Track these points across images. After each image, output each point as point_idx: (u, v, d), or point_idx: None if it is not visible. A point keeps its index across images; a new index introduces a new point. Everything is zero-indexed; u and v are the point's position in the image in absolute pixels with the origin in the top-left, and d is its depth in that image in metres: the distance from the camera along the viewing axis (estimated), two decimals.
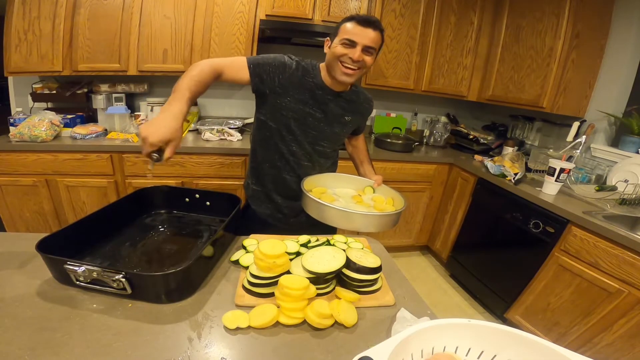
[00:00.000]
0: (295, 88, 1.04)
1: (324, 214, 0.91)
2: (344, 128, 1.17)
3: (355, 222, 0.89)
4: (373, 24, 0.96)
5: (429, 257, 2.74)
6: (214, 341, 0.60)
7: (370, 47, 0.97)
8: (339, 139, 1.19)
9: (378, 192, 1.15)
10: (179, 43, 1.97)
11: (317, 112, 1.08)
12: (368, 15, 0.98)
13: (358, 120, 1.21)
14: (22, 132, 1.70)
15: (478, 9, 2.34)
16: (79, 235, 0.78)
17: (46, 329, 0.58)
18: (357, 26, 0.95)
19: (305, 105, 1.06)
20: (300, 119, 1.07)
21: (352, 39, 0.96)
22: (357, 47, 0.96)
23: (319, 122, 1.09)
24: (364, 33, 0.96)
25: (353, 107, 1.15)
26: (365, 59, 0.98)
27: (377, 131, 2.72)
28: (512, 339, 0.49)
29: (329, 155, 1.21)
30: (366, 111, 1.23)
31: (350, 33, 0.96)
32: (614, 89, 1.94)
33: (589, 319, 1.44)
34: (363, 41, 0.96)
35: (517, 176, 1.87)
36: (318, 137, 1.12)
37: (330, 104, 1.09)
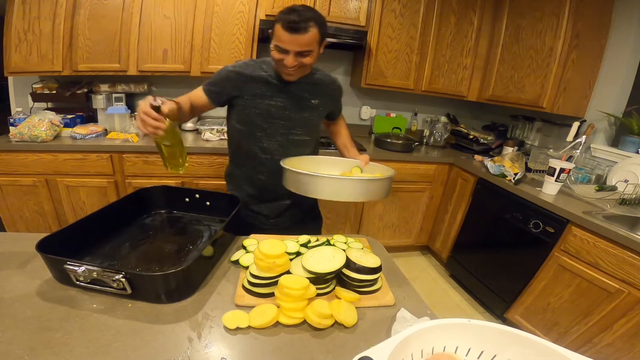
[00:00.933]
0: (248, 85, 1.05)
1: (310, 186, 0.87)
2: (315, 112, 1.14)
3: (346, 189, 0.86)
4: (302, 29, 0.90)
5: (429, 257, 2.74)
6: (214, 341, 0.60)
7: (304, 51, 0.94)
8: (311, 124, 1.17)
9: (366, 172, 1.11)
10: (179, 43, 1.97)
11: (278, 101, 1.07)
12: (296, 15, 0.90)
13: (328, 103, 1.18)
14: (22, 132, 1.70)
15: (478, 9, 2.34)
16: (79, 235, 0.79)
17: (46, 329, 0.58)
18: (286, 33, 0.91)
19: (263, 98, 1.05)
20: (263, 113, 1.07)
21: (283, 47, 0.93)
22: (290, 54, 0.93)
23: (284, 110, 1.08)
24: (293, 40, 0.91)
25: (318, 90, 1.13)
26: (303, 60, 0.96)
27: (377, 131, 2.72)
28: (512, 339, 0.49)
29: (306, 144, 1.18)
30: (334, 92, 1.21)
31: (280, 40, 0.92)
32: (614, 89, 1.94)
33: (589, 319, 1.44)
34: (294, 48, 0.92)
35: (517, 176, 1.87)
36: (288, 125, 1.10)
37: (292, 90, 1.07)
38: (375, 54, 2.27)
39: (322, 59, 2.50)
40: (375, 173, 1.09)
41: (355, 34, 2.12)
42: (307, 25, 0.91)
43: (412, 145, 2.40)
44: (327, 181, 0.86)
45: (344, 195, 0.86)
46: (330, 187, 0.86)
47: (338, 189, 0.86)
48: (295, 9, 0.91)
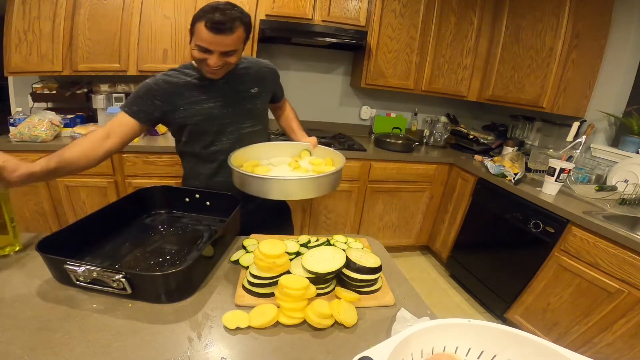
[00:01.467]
0: (178, 95, 0.98)
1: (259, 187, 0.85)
2: (257, 100, 1.11)
3: (291, 189, 0.84)
4: (228, 29, 0.85)
5: (429, 257, 2.74)
6: (214, 341, 0.60)
7: (229, 51, 0.90)
8: (258, 112, 1.14)
9: (315, 155, 1.11)
10: (179, 43, 1.97)
11: (216, 101, 1.03)
12: (220, 14, 0.84)
13: (268, 87, 1.15)
14: (22, 132, 1.70)
15: (478, 9, 2.34)
16: (79, 235, 0.78)
17: (46, 329, 0.58)
18: (210, 33, 0.85)
19: (200, 103, 1.01)
20: (206, 118, 1.02)
21: (206, 47, 0.88)
22: (214, 54, 0.89)
23: (226, 107, 1.04)
24: (218, 40, 0.86)
25: (252, 78, 1.09)
26: (227, 60, 0.92)
27: (377, 131, 2.72)
28: (512, 339, 0.49)
29: (259, 133, 1.15)
30: (269, 75, 1.16)
31: (203, 40, 0.87)
32: (614, 89, 1.94)
33: (589, 319, 1.44)
34: (219, 48, 0.88)
35: (517, 176, 1.87)
36: (235, 121, 1.07)
37: (225, 87, 1.03)
38: (375, 54, 2.27)
39: (323, 59, 2.52)
40: (324, 156, 1.08)
41: (355, 34, 2.12)
42: (233, 26, 0.86)
43: (412, 145, 2.40)
44: (275, 183, 0.85)
45: (293, 195, 0.85)
46: (280, 188, 0.85)
47: (287, 190, 0.85)
48: (219, 7, 0.85)
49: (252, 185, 0.86)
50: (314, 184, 0.87)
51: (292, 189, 0.85)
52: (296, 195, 0.85)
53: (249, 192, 0.87)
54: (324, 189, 0.90)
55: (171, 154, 1.90)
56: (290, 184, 0.85)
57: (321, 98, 2.65)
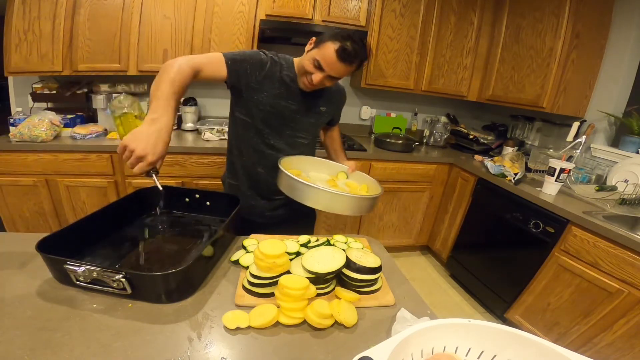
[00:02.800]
0: (271, 83, 1.04)
1: (303, 194, 0.90)
2: (320, 118, 1.18)
3: (338, 203, 0.90)
4: (351, 63, 0.93)
5: (429, 257, 2.74)
6: (214, 341, 0.60)
7: (336, 77, 0.97)
8: (315, 129, 1.21)
9: (351, 179, 1.17)
10: (179, 43, 1.97)
11: (292, 104, 1.08)
12: (354, 48, 0.91)
13: (332, 110, 1.22)
14: (22, 132, 1.70)
15: (478, 9, 2.34)
16: (79, 235, 0.78)
17: (46, 329, 0.58)
18: (335, 57, 0.92)
19: (281, 99, 1.06)
20: (277, 113, 1.07)
21: (323, 66, 0.94)
22: (323, 74, 0.95)
23: (295, 113, 1.10)
24: (337, 67, 0.94)
25: (327, 97, 1.15)
26: (326, 83, 0.99)
27: (377, 131, 2.72)
28: (512, 339, 0.49)
29: (307, 146, 1.21)
30: (339, 101, 1.25)
31: (325, 60, 0.93)
32: (614, 89, 1.94)
33: (589, 319, 1.44)
34: (331, 72, 0.95)
35: (517, 176, 1.87)
36: (296, 128, 1.13)
37: (306, 96, 1.09)
38: (376, 54, 2.27)
39: None
40: (361, 182, 1.13)
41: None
42: (356, 61, 0.94)
43: (412, 145, 2.40)
44: (321, 193, 0.88)
45: (334, 209, 0.90)
46: (323, 199, 0.89)
47: (330, 202, 0.89)
48: (354, 39, 0.92)
49: (297, 190, 0.91)
50: (356, 204, 0.92)
51: (335, 203, 0.90)
52: (330, 208, 0.89)
53: (292, 195, 0.92)
54: (360, 210, 0.94)
55: (171, 154, 1.89)
56: (336, 198, 0.90)
57: None
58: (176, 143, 1.96)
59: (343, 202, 0.90)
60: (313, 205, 0.90)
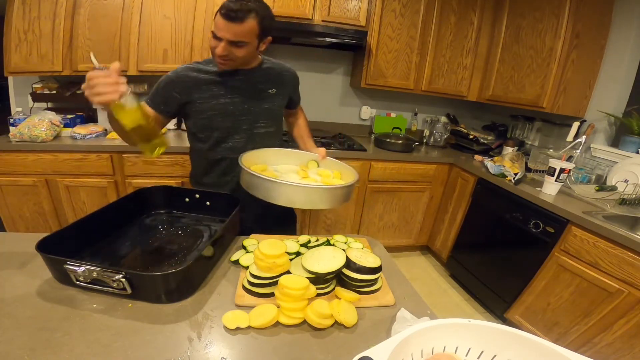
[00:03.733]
0: (196, 88, 1.01)
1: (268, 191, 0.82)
2: (275, 101, 1.13)
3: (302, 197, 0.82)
4: (239, 18, 0.87)
5: (429, 257, 2.74)
6: (214, 341, 0.60)
7: (237, 41, 0.91)
8: (274, 114, 1.15)
9: (323, 166, 1.08)
10: (179, 43, 1.97)
11: (233, 97, 1.04)
12: (235, 4, 0.87)
13: (285, 91, 1.17)
14: (22, 132, 1.70)
15: (478, 9, 2.34)
16: (79, 235, 0.78)
17: (46, 329, 0.58)
18: (222, 20, 0.88)
19: (217, 97, 1.03)
20: (221, 112, 1.04)
21: (217, 33, 0.90)
22: (222, 43, 0.91)
23: (242, 104, 1.06)
24: (227, 28, 0.88)
25: (272, 79, 1.11)
26: (233, 51, 0.93)
27: (377, 131, 2.72)
28: (512, 339, 0.49)
29: (272, 135, 1.16)
30: (288, 79, 1.18)
31: (216, 27, 0.90)
32: (614, 89, 1.94)
33: (589, 319, 1.44)
34: (227, 36, 0.90)
35: (517, 176, 1.87)
36: (251, 119, 1.09)
37: (244, 84, 1.05)
38: (375, 54, 2.27)
39: (323, 59, 2.52)
40: (334, 169, 1.06)
41: (355, 34, 2.12)
42: (245, 16, 0.88)
43: (412, 145, 2.40)
44: (287, 188, 0.81)
45: (303, 203, 0.83)
46: (291, 195, 0.82)
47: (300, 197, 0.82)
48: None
49: (260, 187, 0.84)
50: (328, 195, 0.84)
51: (303, 197, 0.82)
52: (305, 203, 0.83)
53: (257, 194, 0.85)
54: (335, 202, 0.87)
55: (171, 154, 1.90)
56: (301, 192, 0.82)
57: (321, 98, 2.65)
58: (176, 143, 1.96)
59: (310, 194, 0.82)
60: (281, 203, 0.82)
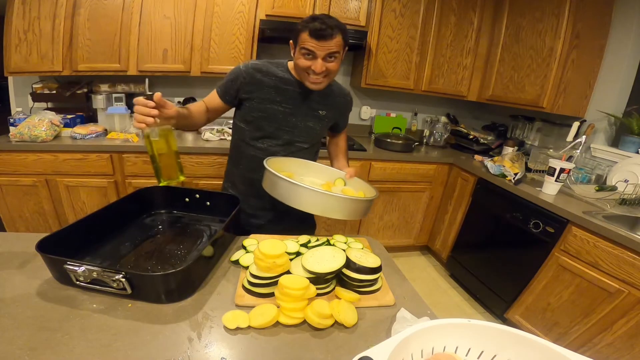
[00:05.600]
0: (258, 88, 1.05)
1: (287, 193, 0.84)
2: (320, 122, 1.15)
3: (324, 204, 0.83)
4: (329, 35, 0.93)
5: (429, 257, 2.74)
6: (214, 341, 0.60)
7: (332, 54, 0.96)
8: (315, 134, 1.17)
9: (349, 185, 1.09)
10: (179, 43, 1.97)
11: (286, 107, 1.07)
12: (322, 23, 0.92)
13: (334, 115, 1.19)
14: (22, 132, 1.70)
15: (478, 9, 2.34)
16: (79, 235, 0.78)
17: (46, 329, 0.58)
18: (315, 40, 0.93)
19: (272, 102, 1.06)
20: (270, 117, 1.07)
21: (311, 50, 0.94)
22: (318, 60, 0.95)
23: (290, 116, 1.09)
24: (322, 45, 0.94)
25: (327, 101, 1.14)
26: (329, 66, 0.98)
27: (377, 131, 2.72)
28: (512, 339, 0.49)
29: (306, 151, 1.18)
30: (342, 105, 1.21)
31: (308, 45, 0.94)
32: (614, 89, 1.94)
33: (589, 319, 1.44)
34: (322, 53, 0.95)
35: (517, 176, 1.87)
36: (292, 132, 1.11)
37: (301, 98, 1.08)
38: (375, 54, 2.27)
39: None
40: (358, 189, 1.07)
41: (355, 34, 2.12)
42: (335, 31, 0.94)
43: (412, 145, 2.40)
44: (307, 193, 0.82)
45: (324, 211, 0.84)
46: (310, 200, 0.83)
47: (318, 203, 0.83)
48: (319, 17, 0.95)
49: (280, 188, 0.86)
50: (345, 205, 0.86)
51: (320, 204, 0.83)
52: (321, 211, 0.84)
53: (276, 196, 0.87)
54: (351, 214, 0.88)
55: None
56: (319, 198, 0.83)
57: None
58: None
59: (332, 203, 0.84)
60: (298, 207, 0.84)
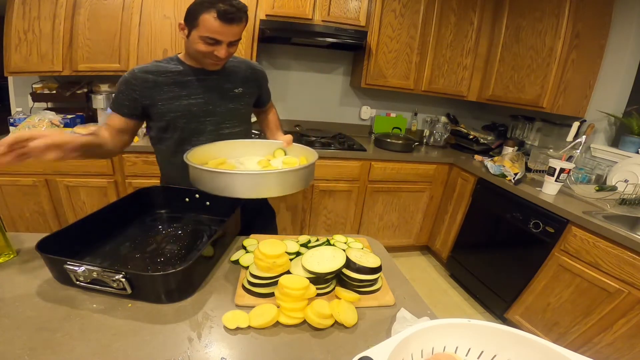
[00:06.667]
0: (156, 91, 0.97)
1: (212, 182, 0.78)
2: (241, 101, 1.09)
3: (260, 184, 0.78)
4: (238, 19, 0.87)
5: (429, 257, 2.74)
6: (214, 341, 0.60)
7: (236, 40, 0.92)
8: (240, 114, 1.11)
9: (290, 154, 1.03)
10: (179, 43, 1.97)
11: (197, 98, 1.01)
12: (230, 5, 0.85)
13: (252, 89, 1.13)
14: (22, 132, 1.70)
15: (478, 9, 2.34)
16: (79, 235, 0.78)
17: (46, 329, 0.58)
18: (220, 23, 0.85)
19: (179, 99, 0.99)
20: (185, 114, 1.00)
21: (216, 37, 0.88)
22: (223, 45, 0.90)
23: (207, 105, 1.02)
24: (228, 31, 0.87)
25: (239, 78, 1.08)
26: (231, 50, 0.93)
27: (377, 131, 2.72)
28: (512, 339, 0.49)
29: (239, 135, 1.11)
30: (256, 76, 1.14)
31: (213, 31, 0.86)
32: (614, 89, 1.94)
33: (589, 319, 1.44)
34: (228, 38, 0.89)
35: (517, 176, 1.87)
36: (216, 120, 1.05)
37: (209, 84, 1.02)
38: (375, 54, 2.27)
39: (323, 59, 2.52)
40: (300, 156, 1.02)
41: (355, 34, 2.12)
42: (243, 15, 0.88)
43: (412, 145, 2.40)
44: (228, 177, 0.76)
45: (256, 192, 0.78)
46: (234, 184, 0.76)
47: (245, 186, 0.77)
48: None
49: (201, 180, 0.81)
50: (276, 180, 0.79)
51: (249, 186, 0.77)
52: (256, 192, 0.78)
53: (201, 188, 0.82)
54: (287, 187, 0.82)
55: None
56: (244, 179, 0.76)
57: (321, 98, 2.65)
58: None
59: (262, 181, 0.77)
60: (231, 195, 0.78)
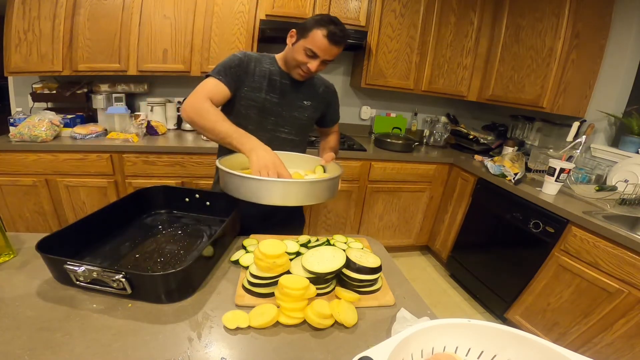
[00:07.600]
0: (249, 78, 1.06)
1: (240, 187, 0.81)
2: (305, 112, 1.16)
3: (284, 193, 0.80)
4: (342, 43, 0.98)
5: (429, 257, 2.74)
6: (214, 341, 0.60)
7: (329, 60, 1.01)
8: (300, 124, 1.17)
9: (329, 171, 1.06)
10: (179, 43, 1.97)
11: (274, 97, 1.09)
12: (340, 30, 0.96)
13: (319, 105, 1.20)
14: (22, 132, 1.70)
15: (478, 9, 2.34)
16: (79, 235, 0.78)
17: (46, 329, 0.58)
18: (327, 42, 0.96)
19: (261, 92, 1.07)
20: (259, 106, 1.08)
21: (317, 53, 0.98)
22: (317, 60, 0.99)
23: (277, 106, 1.10)
24: (329, 50, 0.98)
25: (310, 91, 1.16)
26: (320, 67, 1.02)
27: (377, 131, 2.72)
28: (512, 339, 0.49)
29: (294, 143, 1.17)
30: (328, 97, 1.22)
31: (318, 47, 0.97)
32: (614, 89, 1.94)
33: (589, 319, 1.44)
34: (325, 57, 0.99)
35: (517, 176, 1.87)
36: (278, 122, 1.12)
37: (288, 89, 1.11)
38: (375, 54, 2.27)
39: None
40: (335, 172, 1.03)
41: (355, 34, 2.12)
42: (344, 42, 0.99)
43: (412, 145, 2.40)
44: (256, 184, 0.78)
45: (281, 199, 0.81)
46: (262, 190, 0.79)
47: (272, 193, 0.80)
48: (336, 21, 0.98)
49: (230, 185, 0.84)
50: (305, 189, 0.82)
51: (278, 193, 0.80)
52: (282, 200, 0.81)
53: (230, 192, 0.85)
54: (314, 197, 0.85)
55: (171, 154, 1.90)
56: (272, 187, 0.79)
57: None
58: (176, 143, 1.96)
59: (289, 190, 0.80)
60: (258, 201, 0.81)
